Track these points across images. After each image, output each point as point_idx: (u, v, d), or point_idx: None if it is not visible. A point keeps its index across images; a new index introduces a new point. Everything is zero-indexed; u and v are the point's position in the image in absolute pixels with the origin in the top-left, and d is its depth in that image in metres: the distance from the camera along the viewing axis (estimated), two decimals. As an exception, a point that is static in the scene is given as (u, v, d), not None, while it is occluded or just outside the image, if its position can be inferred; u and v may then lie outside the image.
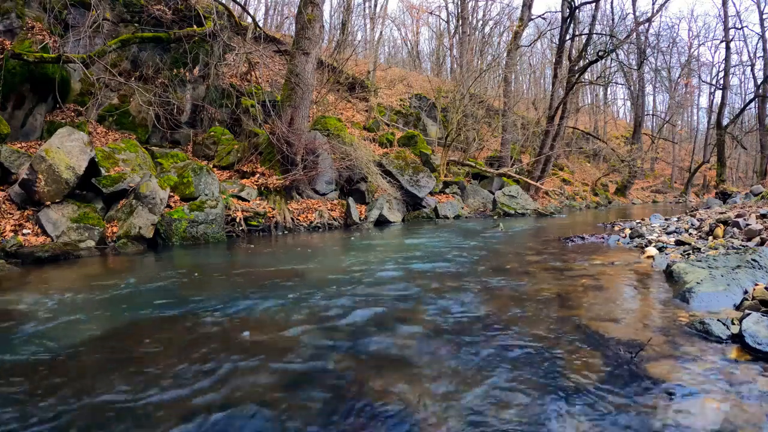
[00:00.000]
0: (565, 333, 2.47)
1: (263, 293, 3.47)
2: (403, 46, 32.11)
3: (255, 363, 2.12)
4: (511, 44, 17.71)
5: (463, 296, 3.31)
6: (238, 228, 7.15)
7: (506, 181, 14.65)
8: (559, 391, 1.82)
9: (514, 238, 7.18)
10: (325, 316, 2.83)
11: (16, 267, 4.42)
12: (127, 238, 5.66)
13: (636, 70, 25.20)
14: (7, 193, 5.59)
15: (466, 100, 14.65)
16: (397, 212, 9.95)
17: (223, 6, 10.40)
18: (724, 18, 23.86)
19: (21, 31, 7.16)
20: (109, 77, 7.52)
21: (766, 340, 2.12)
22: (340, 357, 2.19)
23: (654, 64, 33.78)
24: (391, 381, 1.93)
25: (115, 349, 2.32)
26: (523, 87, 32.25)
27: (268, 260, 5.09)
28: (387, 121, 15.68)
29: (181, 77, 9.15)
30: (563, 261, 4.73)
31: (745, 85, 37.94)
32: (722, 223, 5.53)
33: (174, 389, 1.86)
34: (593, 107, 34.38)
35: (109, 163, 6.60)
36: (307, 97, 9.26)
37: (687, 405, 1.70)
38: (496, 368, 2.05)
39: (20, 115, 6.86)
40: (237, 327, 2.65)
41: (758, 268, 3.15)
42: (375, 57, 18.15)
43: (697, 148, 33.54)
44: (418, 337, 2.46)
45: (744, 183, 32.92)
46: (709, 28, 66.15)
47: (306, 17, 8.86)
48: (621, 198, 23.59)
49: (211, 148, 9.28)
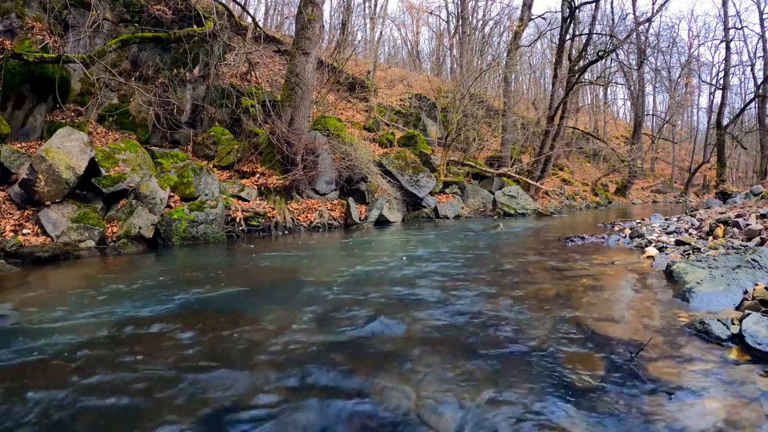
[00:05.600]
0: (565, 333, 2.47)
1: (263, 293, 3.47)
2: (403, 46, 32.16)
3: (255, 363, 2.12)
4: (511, 44, 17.72)
5: (463, 296, 3.31)
6: (238, 228, 7.15)
7: (506, 181, 14.65)
8: (559, 390, 1.82)
9: (514, 238, 7.18)
10: (325, 317, 2.83)
11: (16, 267, 4.42)
12: (127, 238, 5.66)
13: (636, 70, 25.19)
14: (7, 193, 5.59)
15: (466, 100, 14.65)
16: (397, 212, 9.95)
17: (223, 6, 10.40)
18: (724, 18, 23.85)
19: (21, 31, 7.16)
20: (109, 77, 7.52)
21: (766, 340, 2.12)
22: (340, 356, 2.19)
23: (654, 64, 33.85)
24: (389, 380, 1.93)
25: (114, 349, 2.32)
26: (523, 87, 32.30)
27: (269, 260, 5.09)
28: (387, 121, 15.68)
29: (181, 77, 9.14)
30: (563, 261, 4.73)
31: (745, 85, 38.01)
32: (722, 223, 5.53)
33: (174, 389, 1.86)
34: (593, 107, 34.41)
35: (109, 163, 6.59)
36: (307, 97, 9.27)
37: (687, 405, 1.70)
38: (495, 368, 2.05)
39: (20, 115, 6.86)
40: (237, 327, 2.65)
41: (758, 268, 3.15)
42: (375, 57, 18.14)
43: (697, 148, 33.55)
44: (418, 337, 2.46)
45: (744, 183, 32.94)
46: (709, 28, 66.17)
47: (306, 17, 8.86)
48: (621, 198, 23.59)
49: (211, 148, 9.28)
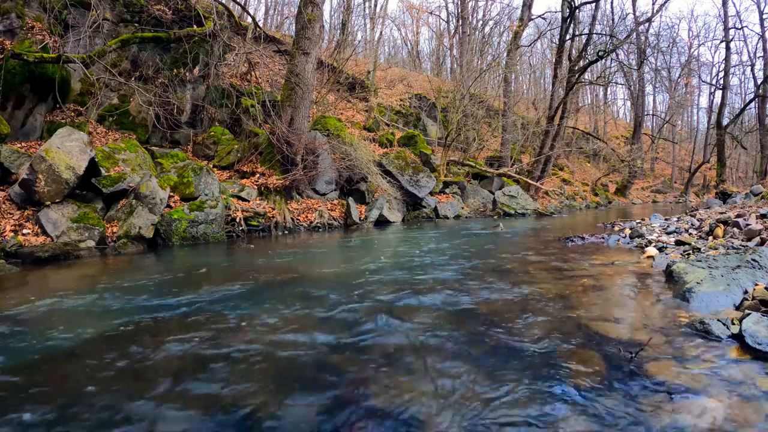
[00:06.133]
0: (565, 333, 2.47)
1: (264, 293, 3.46)
2: (403, 46, 32.16)
3: (255, 362, 2.12)
4: (511, 44, 17.72)
5: (463, 296, 3.31)
6: (238, 228, 7.15)
7: (506, 181, 14.65)
8: (559, 390, 1.82)
9: (514, 238, 7.18)
10: (325, 316, 2.83)
11: (16, 267, 4.42)
12: (127, 238, 5.66)
13: (636, 70, 25.19)
14: (7, 193, 5.59)
15: (466, 100, 14.65)
16: (397, 212, 9.95)
17: (223, 6, 10.40)
18: (724, 18, 23.86)
19: (21, 31, 7.16)
20: (109, 77, 7.52)
21: (766, 340, 2.12)
22: (340, 356, 2.19)
23: (654, 64, 33.84)
24: (389, 379, 1.93)
25: (114, 350, 2.32)
26: (523, 87, 32.30)
27: (269, 260, 5.09)
28: (387, 121, 15.68)
29: (181, 77, 9.14)
30: (563, 261, 4.73)
31: (745, 85, 38.01)
32: (722, 223, 5.53)
33: (174, 389, 1.86)
34: (593, 107, 34.41)
35: (109, 163, 6.59)
36: (307, 97, 9.27)
37: (687, 405, 1.70)
38: (495, 367, 2.05)
39: (20, 115, 6.86)
40: (238, 327, 2.65)
41: (758, 268, 3.15)
42: (375, 57, 18.14)
43: (697, 148, 33.55)
44: (418, 336, 2.46)
45: (744, 183, 32.94)
46: (709, 28, 66.18)
47: (306, 17, 8.86)
48: (621, 198, 23.59)
49: (211, 148, 9.28)
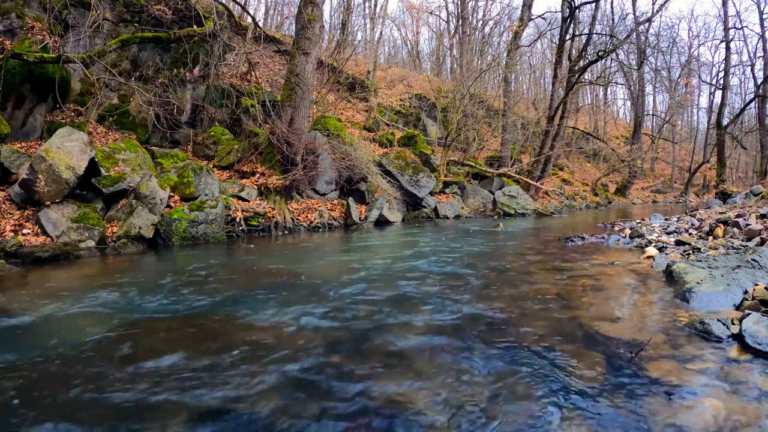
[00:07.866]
0: (565, 333, 2.47)
1: (264, 293, 3.46)
2: (403, 46, 32.15)
3: (255, 363, 2.12)
4: (511, 44, 17.72)
5: (463, 296, 3.31)
6: (238, 228, 7.15)
7: (506, 181, 14.65)
8: (559, 390, 1.82)
9: (514, 238, 7.18)
10: (324, 316, 2.83)
11: (16, 267, 4.41)
12: (127, 238, 5.66)
13: (636, 70, 25.19)
14: (7, 193, 5.59)
15: (466, 100, 14.65)
16: (397, 212, 9.95)
17: (223, 6, 10.40)
18: (724, 18, 23.85)
19: (21, 31, 7.16)
20: (109, 77, 7.52)
21: (766, 340, 2.12)
22: (340, 355, 2.19)
23: (654, 64, 33.82)
24: (389, 379, 1.93)
25: (114, 350, 2.32)
26: (523, 87, 32.29)
27: (269, 260, 5.09)
28: (387, 121, 15.68)
29: (181, 77, 9.14)
30: (563, 261, 4.73)
31: (745, 85, 37.98)
32: (722, 223, 5.53)
33: (174, 389, 1.86)
34: (593, 107, 34.40)
35: (109, 163, 6.59)
36: (307, 97, 9.26)
37: (687, 405, 1.70)
38: (495, 367, 2.05)
39: (20, 115, 6.86)
40: (238, 327, 2.65)
41: (758, 268, 3.15)
42: (375, 57, 18.14)
43: (697, 148, 33.54)
44: (418, 336, 2.46)
45: (744, 183, 32.92)
46: (709, 28, 66.21)
47: (306, 17, 8.86)
48: (621, 198, 23.58)
49: (211, 148, 9.28)
